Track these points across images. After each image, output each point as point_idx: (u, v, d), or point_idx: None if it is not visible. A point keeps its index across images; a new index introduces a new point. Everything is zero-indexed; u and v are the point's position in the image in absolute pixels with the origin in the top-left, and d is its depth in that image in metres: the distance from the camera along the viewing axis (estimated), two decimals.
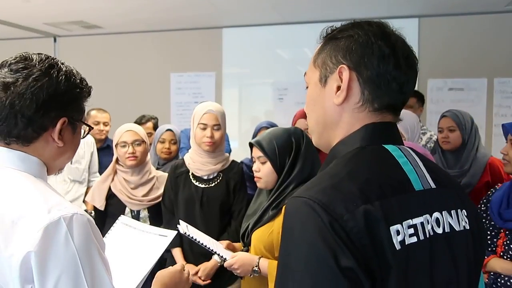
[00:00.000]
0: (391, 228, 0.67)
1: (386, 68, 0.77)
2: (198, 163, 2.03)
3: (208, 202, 2.00)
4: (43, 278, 0.77)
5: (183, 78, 4.82)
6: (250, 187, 2.45)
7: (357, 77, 0.77)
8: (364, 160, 0.75)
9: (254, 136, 2.51)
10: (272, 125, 2.52)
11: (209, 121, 1.99)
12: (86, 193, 2.93)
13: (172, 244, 1.97)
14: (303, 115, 2.36)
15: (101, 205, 2.10)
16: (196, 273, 1.93)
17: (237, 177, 2.06)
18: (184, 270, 1.25)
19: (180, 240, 2.02)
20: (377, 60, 0.76)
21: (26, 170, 0.88)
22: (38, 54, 0.93)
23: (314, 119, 0.85)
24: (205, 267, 1.94)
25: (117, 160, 2.15)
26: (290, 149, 1.66)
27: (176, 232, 1.54)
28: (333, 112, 0.80)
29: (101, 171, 3.09)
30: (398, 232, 0.67)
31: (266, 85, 4.71)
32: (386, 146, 0.78)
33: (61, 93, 0.90)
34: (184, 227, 1.76)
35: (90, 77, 1.00)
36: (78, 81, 0.95)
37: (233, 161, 2.13)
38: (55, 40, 5.21)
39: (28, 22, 4.60)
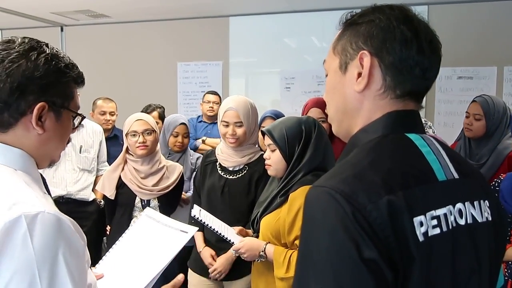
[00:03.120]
0: (414, 219, 0.66)
1: (408, 53, 0.75)
2: (226, 154, 2.05)
3: (229, 193, 2.01)
4: None
5: (190, 67, 4.81)
6: None
7: (378, 63, 0.76)
8: (386, 149, 0.74)
9: (259, 125, 2.52)
10: (277, 114, 2.51)
11: (230, 119, 1.99)
12: (95, 182, 2.94)
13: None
14: (315, 104, 2.33)
15: (111, 194, 2.11)
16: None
17: (262, 170, 2.02)
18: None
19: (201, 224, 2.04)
20: (400, 45, 0.75)
21: (6, 163, 0.84)
22: (26, 38, 0.88)
23: (334, 107, 0.84)
24: (223, 260, 1.97)
25: (127, 150, 2.16)
26: (300, 137, 1.66)
27: (197, 228, 1.52)
28: (353, 100, 0.79)
29: (108, 160, 3.11)
30: (421, 224, 0.66)
31: (273, 74, 4.69)
32: (409, 135, 0.76)
33: (39, 76, 0.85)
34: (196, 212, 1.78)
35: (96, 66, 0.98)
36: (63, 65, 0.90)
37: (261, 154, 2.09)
38: (62, 30, 5.21)
39: (35, 12, 4.59)
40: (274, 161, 1.68)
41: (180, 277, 1.18)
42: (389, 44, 0.75)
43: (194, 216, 1.76)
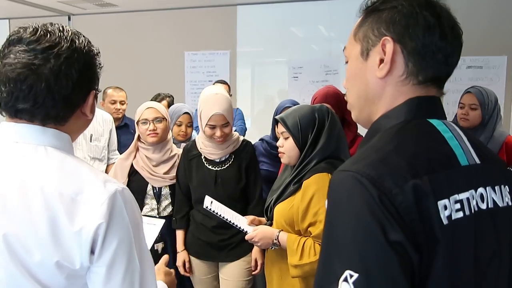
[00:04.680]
0: (438, 203, 0.66)
1: (431, 39, 0.75)
2: (210, 148, 2.06)
3: (222, 184, 2.03)
4: (103, 249, 0.80)
5: (198, 57, 4.80)
6: (270, 163, 2.47)
7: (401, 49, 0.76)
8: (410, 135, 0.74)
9: (276, 114, 2.50)
10: (295, 104, 2.50)
11: (217, 122, 1.98)
12: (106, 171, 2.96)
13: (178, 225, 2.11)
14: (323, 99, 2.26)
15: (123, 182, 2.13)
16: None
17: (249, 157, 2.08)
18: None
19: (187, 223, 2.12)
20: (423, 31, 0.75)
21: (60, 147, 0.87)
22: (53, 27, 0.88)
23: (355, 94, 0.84)
24: (256, 255, 2.03)
25: (139, 138, 2.17)
26: (313, 125, 1.66)
27: (163, 221, 1.67)
28: (375, 86, 0.79)
29: (119, 149, 3.13)
30: (445, 207, 0.67)
31: (280, 64, 4.67)
32: (431, 121, 0.77)
33: (89, 66, 0.89)
34: (208, 203, 1.79)
35: (104, 55, 0.98)
36: (96, 52, 0.93)
37: (244, 140, 2.14)
38: (69, 19, 5.21)
39: (43, 1, 4.59)
40: (287, 148, 1.68)
41: (166, 257, 1.26)
42: (411, 30, 0.75)
43: (206, 207, 1.78)
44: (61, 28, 0.87)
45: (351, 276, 0.62)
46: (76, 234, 0.78)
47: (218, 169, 2.06)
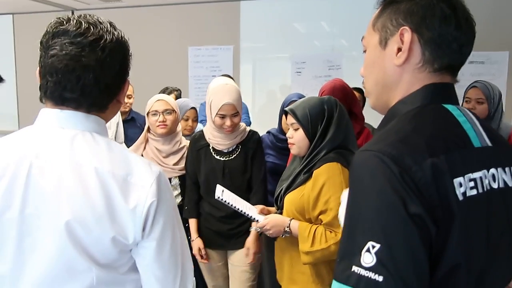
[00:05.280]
0: (454, 180, 0.71)
1: (447, 29, 0.79)
2: (218, 138, 2.09)
3: (230, 174, 2.07)
4: (154, 225, 0.87)
5: (201, 52, 4.82)
6: (276, 156, 2.51)
7: (418, 38, 0.80)
8: (427, 117, 0.79)
9: (283, 107, 2.53)
10: (302, 97, 2.52)
11: (227, 112, 2.01)
12: None
13: (190, 214, 2.13)
14: (331, 93, 2.30)
15: None
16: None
17: (254, 146, 2.12)
18: None
19: (198, 212, 2.15)
20: (439, 21, 0.79)
21: (101, 132, 0.92)
22: (92, 18, 0.92)
23: (373, 80, 0.88)
24: (249, 245, 2.06)
25: (148, 129, 2.21)
26: (322, 116, 1.69)
27: None
28: (393, 73, 0.84)
29: (126, 143, 3.15)
30: (460, 184, 0.71)
31: (283, 59, 4.69)
32: (446, 106, 0.81)
33: (125, 56, 0.95)
34: (219, 192, 1.82)
35: None
36: (127, 39, 0.98)
37: (250, 131, 2.18)
38: (72, 14, 5.22)
39: None
40: (297, 139, 1.71)
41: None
42: (428, 21, 0.80)
43: (218, 197, 1.81)
44: (100, 20, 0.93)
45: (374, 247, 0.67)
46: (131, 212, 0.84)
47: (225, 159, 2.09)
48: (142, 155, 2.18)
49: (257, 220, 1.75)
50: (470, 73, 4.07)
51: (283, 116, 2.47)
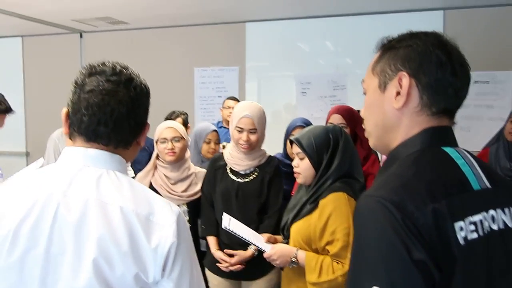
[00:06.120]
0: (455, 224, 0.73)
1: (443, 75, 0.83)
2: (236, 159, 2.12)
3: (243, 196, 2.08)
4: (173, 266, 0.90)
5: (207, 73, 4.89)
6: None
7: (416, 83, 0.84)
8: (427, 162, 0.81)
9: (288, 133, 2.57)
10: (307, 122, 2.56)
11: (245, 126, 2.06)
12: None
13: (208, 232, 2.10)
14: (336, 111, 2.39)
15: None
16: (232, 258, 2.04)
17: (272, 172, 2.13)
18: None
19: (216, 229, 2.12)
20: (435, 67, 0.83)
21: (122, 171, 0.97)
22: (123, 65, 1.00)
23: (373, 123, 0.92)
24: (241, 256, 2.03)
25: (157, 156, 2.24)
26: (327, 145, 1.72)
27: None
28: (392, 116, 0.87)
29: (133, 165, 3.17)
30: (461, 228, 0.74)
31: (289, 79, 4.74)
32: (445, 149, 0.84)
33: (148, 100, 1.02)
34: (226, 220, 1.84)
35: None
36: None
37: (270, 156, 2.19)
38: (81, 36, 5.32)
39: (56, 19, 4.70)
40: (303, 169, 1.74)
41: None
42: (425, 67, 0.84)
43: (225, 227, 1.83)
44: (127, 67, 1.01)
45: None
46: (153, 251, 0.88)
47: (241, 181, 2.11)
48: (150, 182, 2.21)
49: (264, 250, 1.77)
50: (474, 93, 4.09)
51: (288, 143, 2.50)
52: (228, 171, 2.14)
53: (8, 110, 1.77)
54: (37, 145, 5.15)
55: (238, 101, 3.83)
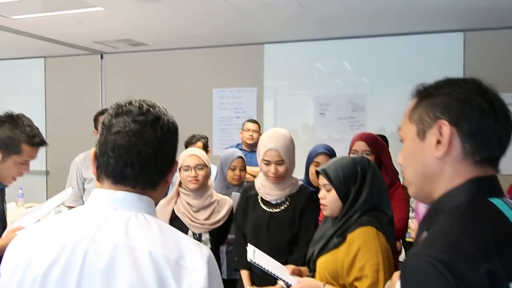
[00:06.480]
0: (510, 284, 0.70)
1: (486, 123, 0.81)
2: (267, 188, 2.10)
3: (274, 227, 2.05)
4: None
5: (225, 94, 4.92)
6: None
7: (457, 131, 0.82)
8: (475, 216, 0.78)
9: (310, 159, 2.54)
10: (329, 149, 2.54)
11: (271, 158, 2.04)
12: None
13: (241, 265, 2.07)
14: (360, 138, 2.37)
15: None
16: None
17: (304, 202, 2.09)
18: None
19: (249, 262, 2.09)
20: (477, 115, 0.81)
21: (151, 213, 0.95)
22: (149, 103, 0.98)
23: (413, 171, 0.90)
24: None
25: (180, 183, 2.24)
26: (355, 178, 1.69)
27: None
28: (433, 165, 0.85)
29: None
30: None
31: (307, 100, 4.75)
32: (492, 200, 0.81)
33: (176, 139, 1.01)
34: (251, 252, 1.82)
35: (134, 92, 1.07)
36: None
37: (302, 185, 2.16)
38: (102, 57, 5.41)
39: (79, 41, 4.81)
40: (329, 201, 1.71)
41: None
42: (467, 114, 0.82)
43: (250, 260, 1.80)
44: (154, 105, 0.99)
45: None
46: None
47: (272, 210, 2.09)
48: (173, 209, 2.20)
49: (290, 284, 1.74)
50: None
51: (311, 170, 2.48)
52: (260, 200, 2.13)
53: (42, 143, 1.79)
54: (57, 164, 5.22)
55: (257, 123, 3.83)
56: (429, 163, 0.85)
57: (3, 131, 1.75)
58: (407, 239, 3.10)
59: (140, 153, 0.91)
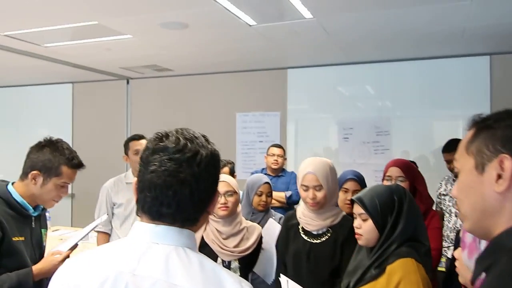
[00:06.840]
0: None
1: None
2: (308, 218, 2.06)
3: (315, 258, 2.00)
4: None
5: (248, 118, 4.95)
6: None
7: None
8: None
9: (339, 185, 2.51)
10: (357, 175, 2.51)
11: (309, 183, 2.01)
12: None
13: None
14: (394, 164, 2.34)
15: None
16: None
17: (346, 233, 2.00)
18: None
19: None
20: None
21: (192, 247, 0.93)
22: (189, 134, 0.96)
23: (471, 205, 0.86)
24: None
25: None
26: (392, 207, 1.65)
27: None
28: (493, 200, 0.82)
29: None
30: None
31: (330, 124, 4.73)
32: None
33: (216, 169, 0.98)
34: (284, 283, 1.78)
35: (159, 116, 1.04)
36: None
37: (344, 216, 2.09)
38: (127, 82, 5.53)
39: (106, 67, 4.93)
40: (366, 230, 1.67)
41: None
42: None
43: None
44: (195, 135, 0.97)
45: None
46: None
47: (313, 241, 2.04)
48: (202, 237, 2.18)
49: None
50: None
51: (341, 195, 2.44)
52: (300, 230, 2.09)
53: (81, 165, 1.82)
54: (83, 188, 5.28)
55: (282, 148, 3.82)
56: (488, 198, 0.82)
57: (44, 154, 1.78)
58: (439, 268, 3.00)
59: (176, 193, 0.90)
